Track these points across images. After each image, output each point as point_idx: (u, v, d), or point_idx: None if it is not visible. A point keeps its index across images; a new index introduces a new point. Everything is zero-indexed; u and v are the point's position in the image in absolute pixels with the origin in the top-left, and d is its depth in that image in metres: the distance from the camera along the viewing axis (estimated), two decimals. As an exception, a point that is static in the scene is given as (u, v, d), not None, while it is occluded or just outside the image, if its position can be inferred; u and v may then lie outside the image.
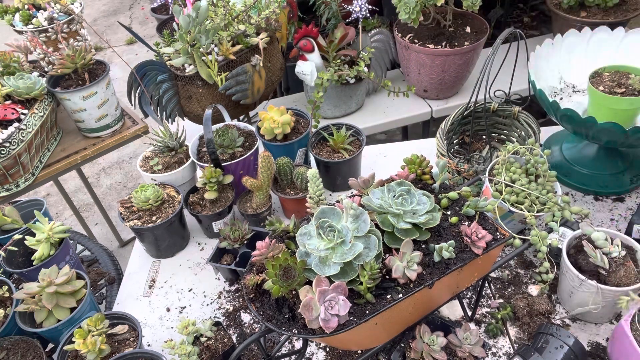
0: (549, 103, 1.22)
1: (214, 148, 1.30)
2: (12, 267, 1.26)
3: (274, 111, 1.48)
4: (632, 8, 1.95)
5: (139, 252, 1.46)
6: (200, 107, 1.67)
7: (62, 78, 1.74)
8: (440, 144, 1.37)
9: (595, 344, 1.06)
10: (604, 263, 1.01)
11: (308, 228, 0.84)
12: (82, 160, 1.80)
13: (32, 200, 1.52)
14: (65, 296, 1.14)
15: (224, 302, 1.28)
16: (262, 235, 1.28)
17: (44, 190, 3.17)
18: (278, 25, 1.72)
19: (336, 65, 1.75)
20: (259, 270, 0.87)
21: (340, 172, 1.48)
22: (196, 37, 1.51)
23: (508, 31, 1.18)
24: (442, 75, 1.92)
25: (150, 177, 1.46)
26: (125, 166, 3.34)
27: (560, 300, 1.15)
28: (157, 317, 1.27)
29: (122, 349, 1.09)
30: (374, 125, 2.04)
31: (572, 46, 1.45)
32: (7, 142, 1.51)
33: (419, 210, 0.86)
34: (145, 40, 1.70)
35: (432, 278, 0.81)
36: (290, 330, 0.78)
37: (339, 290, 0.76)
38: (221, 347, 1.06)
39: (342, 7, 1.95)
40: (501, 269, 1.23)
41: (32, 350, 1.11)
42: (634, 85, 1.21)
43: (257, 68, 1.62)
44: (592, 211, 1.35)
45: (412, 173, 0.98)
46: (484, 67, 1.14)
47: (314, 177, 1.12)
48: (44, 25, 1.79)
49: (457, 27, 1.93)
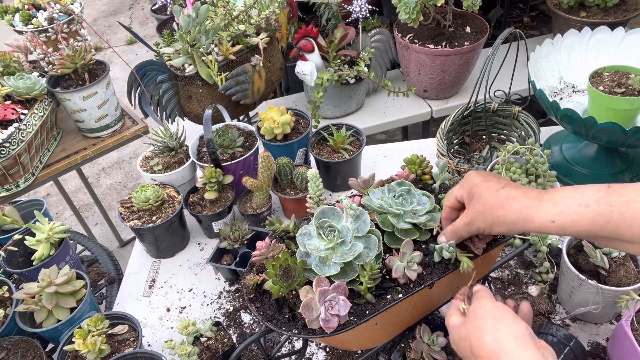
0: (549, 103, 1.22)
1: (214, 148, 1.30)
2: (12, 267, 1.26)
3: (274, 111, 1.48)
4: (632, 8, 1.95)
5: (139, 252, 1.46)
6: (200, 107, 1.67)
7: (62, 78, 1.74)
8: (440, 144, 1.37)
9: (595, 344, 1.06)
10: (604, 263, 1.01)
11: (308, 228, 0.84)
12: (82, 160, 1.80)
13: (32, 200, 1.52)
14: (65, 296, 1.14)
15: (224, 302, 1.28)
16: (262, 235, 1.28)
17: (44, 190, 3.17)
18: (278, 25, 1.72)
19: (336, 65, 1.75)
20: (259, 270, 0.87)
21: (340, 172, 1.48)
22: (196, 37, 1.51)
23: (508, 31, 1.18)
24: (442, 75, 1.92)
25: (150, 177, 1.46)
26: (125, 166, 3.35)
27: (560, 300, 1.15)
28: (157, 317, 1.27)
29: (122, 349, 1.09)
30: (374, 125, 2.04)
31: (572, 46, 1.45)
32: (7, 142, 1.51)
33: (419, 211, 0.86)
34: (145, 40, 1.70)
35: (432, 278, 0.81)
36: (291, 331, 0.78)
37: (339, 290, 0.76)
38: (221, 347, 1.06)
39: (342, 7, 1.95)
40: (501, 269, 1.23)
41: (32, 350, 1.11)
42: (634, 85, 1.21)
43: (257, 68, 1.62)
44: (592, 211, 1.35)
45: (412, 173, 0.98)
46: (484, 67, 1.14)
47: (314, 177, 1.12)
48: (44, 26, 1.79)
49: (457, 27, 1.93)
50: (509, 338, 0.62)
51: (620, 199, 0.61)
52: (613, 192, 0.62)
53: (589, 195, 0.64)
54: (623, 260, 1.02)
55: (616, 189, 0.63)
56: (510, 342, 0.61)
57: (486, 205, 0.72)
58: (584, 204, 0.63)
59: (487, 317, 0.65)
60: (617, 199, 0.62)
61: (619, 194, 0.62)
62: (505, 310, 0.66)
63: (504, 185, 0.72)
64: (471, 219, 0.74)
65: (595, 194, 0.63)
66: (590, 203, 0.63)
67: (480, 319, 0.66)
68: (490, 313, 0.66)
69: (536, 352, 0.60)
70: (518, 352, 0.60)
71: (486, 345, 0.63)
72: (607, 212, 0.62)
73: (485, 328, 0.64)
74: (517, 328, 0.63)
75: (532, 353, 0.59)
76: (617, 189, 0.63)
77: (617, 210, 0.61)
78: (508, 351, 0.60)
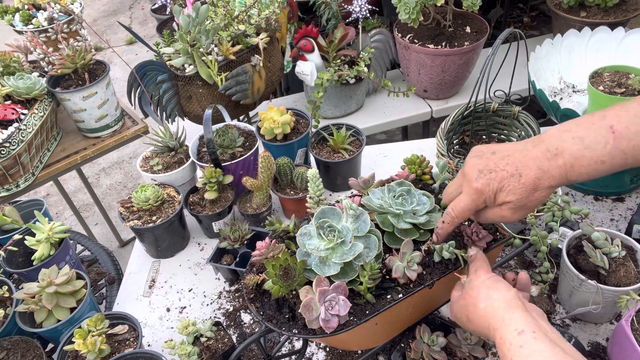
0: (549, 103, 1.22)
1: (214, 148, 1.30)
2: (12, 267, 1.26)
3: (274, 111, 1.48)
4: (632, 8, 1.95)
5: (139, 252, 1.46)
6: (200, 107, 1.67)
7: (62, 78, 1.74)
8: (440, 144, 1.37)
9: (595, 344, 1.06)
10: (604, 263, 1.01)
11: (308, 228, 0.84)
12: (82, 160, 1.80)
13: (32, 200, 1.52)
14: (65, 296, 1.14)
15: (224, 302, 1.28)
16: (262, 235, 1.28)
17: (44, 190, 3.17)
18: (278, 25, 1.72)
19: (336, 65, 1.75)
20: (259, 270, 0.87)
21: (340, 172, 1.48)
22: (196, 37, 1.51)
23: (508, 31, 1.18)
24: (442, 75, 1.92)
25: (150, 177, 1.46)
26: (125, 166, 3.35)
27: (560, 300, 1.15)
28: (157, 317, 1.27)
29: (122, 349, 1.09)
30: (374, 125, 2.04)
31: (572, 46, 1.45)
32: (7, 142, 1.51)
33: (419, 211, 0.86)
34: (145, 40, 1.70)
35: (432, 278, 0.81)
36: (291, 331, 0.78)
37: (339, 290, 0.76)
38: (221, 347, 1.06)
39: (342, 7, 1.95)
40: (501, 269, 1.23)
41: (32, 350, 1.11)
42: (634, 85, 1.21)
43: (257, 68, 1.62)
44: (592, 211, 1.35)
45: (412, 173, 0.98)
46: (484, 67, 1.14)
47: (314, 177, 1.12)
48: (44, 26, 1.79)
49: (457, 27, 1.93)
50: (500, 303, 0.67)
51: (631, 143, 0.63)
52: (620, 136, 0.63)
53: (599, 141, 0.64)
54: (623, 260, 1.02)
55: (621, 131, 0.63)
56: (500, 306, 0.67)
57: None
58: (600, 161, 0.64)
59: (481, 287, 0.71)
60: (627, 143, 0.63)
61: (628, 139, 0.63)
62: (497, 281, 0.71)
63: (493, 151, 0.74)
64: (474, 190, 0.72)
65: (606, 146, 0.64)
66: (605, 159, 0.64)
67: (475, 289, 0.72)
68: (484, 283, 0.71)
69: (523, 312, 0.65)
70: (507, 314, 0.65)
71: (479, 311, 0.69)
72: (622, 160, 0.64)
73: (479, 296, 0.70)
74: (507, 294, 0.68)
75: (519, 314, 0.64)
76: (622, 130, 0.63)
77: (631, 155, 0.63)
78: (498, 314, 0.66)
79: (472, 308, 0.70)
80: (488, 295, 0.69)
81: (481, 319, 0.68)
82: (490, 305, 0.68)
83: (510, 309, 0.65)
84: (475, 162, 0.72)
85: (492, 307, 0.67)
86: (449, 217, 0.77)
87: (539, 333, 0.61)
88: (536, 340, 0.60)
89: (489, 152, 0.73)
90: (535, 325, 0.62)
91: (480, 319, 0.69)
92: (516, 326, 0.63)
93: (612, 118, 0.64)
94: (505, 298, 0.67)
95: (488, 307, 0.68)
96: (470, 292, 0.72)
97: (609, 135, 0.63)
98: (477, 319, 0.69)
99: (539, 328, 0.62)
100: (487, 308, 0.68)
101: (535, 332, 0.61)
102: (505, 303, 0.66)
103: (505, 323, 0.64)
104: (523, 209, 0.70)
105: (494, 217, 0.73)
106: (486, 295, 0.69)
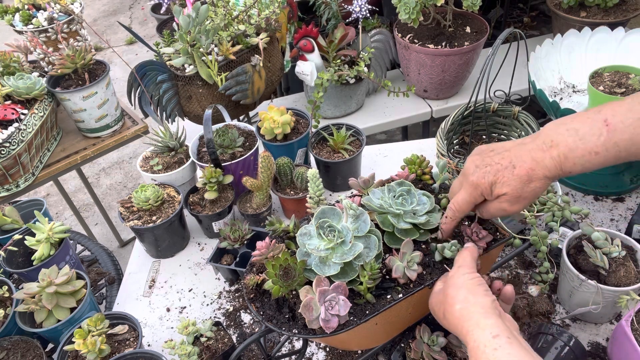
0: (549, 103, 1.22)
1: (214, 148, 1.30)
2: (12, 267, 1.26)
3: (274, 111, 1.48)
4: (632, 8, 1.95)
5: (139, 252, 1.46)
6: (200, 107, 1.67)
7: (62, 78, 1.74)
8: (440, 144, 1.37)
9: (595, 344, 1.06)
10: (604, 263, 1.01)
11: (308, 228, 0.84)
12: (82, 160, 1.80)
13: (32, 200, 1.52)
14: (65, 296, 1.14)
15: (224, 302, 1.28)
16: (262, 235, 1.28)
17: (44, 190, 3.17)
18: (278, 25, 1.72)
19: (336, 65, 1.75)
20: (259, 270, 0.87)
21: (340, 172, 1.48)
22: (196, 37, 1.51)
23: (508, 31, 1.18)
24: (442, 75, 1.92)
25: (150, 177, 1.46)
26: (125, 166, 3.35)
27: (560, 300, 1.15)
28: (157, 317, 1.27)
29: (122, 349, 1.09)
30: (374, 125, 2.04)
31: (572, 46, 1.45)
32: (7, 142, 1.51)
33: (419, 211, 0.86)
34: (145, 40, 1.70)
35: (432, 278, 0.81)
36: (291, 331, 0.78)
37: (339, 290, 0.76)
38: (221, 347, 1.06)
39: (342, 7, 1.95)
40: (501, 269, 1.23)
41: (32, 350, 1.11)
42: (634, 85, 1.21)
43: (257, 68, 1.62)
44: (592, 211, 1.35)
45: (412, 173, 0.98)
46: (484, 67, 1.14)
47: (314, 177, 1.12)
48: (44, 26, 1.79)
49: (457, 27, 1.93)
50: (476, 307, 0.68)
51: (624, 136, 0.64)
52: (614, 129, 0.64)
53: (594, 133, 0.65)
54: (623, 260, 1.02)
55: (615, 124, 0.64)
56: (476, 310, 0.68)
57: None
58: (594, 152, 0.65)
59: (461, 288, 0.71)
60: (620, 136, 0.64)
61: (621, 132, 0.64)
62: (478, 285, 0.71)
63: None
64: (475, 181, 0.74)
65: (600, 137, 0.65)
66: (599, 150, 0.65)
67: (454, 288, 0.72)
68: (465, 284, 0.71)
69: (498, 319, 0.65)
70: (482, 320, 0.66)
71: (455, 312, 0.70)
72: (616, 153, 0.65)
73: (457, 297, 0.70)
74: (485, 300, 0.68)
75: (494, 321, 0.65)
76: (616, 124, 0.64)
77: (624, 148, 0.64)
78: (473, 318, 0.67)
79: (449, 307, 0.71)
80: (466, 298, 0.69)
81: (456, 319, 0.69)
82: (466, 309, 0.68)
83: (486, 314, 0.66)
84: (474, 158, 0.75)
85: (467, 310, 0.68)
86: (450, 211, 0.80)
87: (513, 339, 0.62)
88: (511, 345, 0.61)
89: (489, 149, 0.75)
90: (509, 332, 0.64)
91: (455, 319, 0.69)
92: (491, 330, 0.64)
93: (607, 112, 0.65)
94: (482, 304, 0.68)
95: (464, 310, 0.69)
96: (450, 289, 0.73)
97: (602, 128, 0.65)
98: (452, 318, 0.70)
99: (513, 334, 0.63)
100: (462, 310, 0.69)
101: (509, 337, 0.62)
102: (482, 309, 0.67)
103: (480, 327, 0.65)
104: (520, 200, 0.72)
105: (494, 211, 0.75)
106: (464, 298, 0.70)
